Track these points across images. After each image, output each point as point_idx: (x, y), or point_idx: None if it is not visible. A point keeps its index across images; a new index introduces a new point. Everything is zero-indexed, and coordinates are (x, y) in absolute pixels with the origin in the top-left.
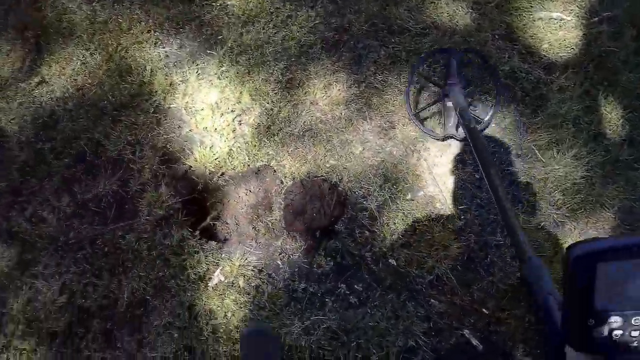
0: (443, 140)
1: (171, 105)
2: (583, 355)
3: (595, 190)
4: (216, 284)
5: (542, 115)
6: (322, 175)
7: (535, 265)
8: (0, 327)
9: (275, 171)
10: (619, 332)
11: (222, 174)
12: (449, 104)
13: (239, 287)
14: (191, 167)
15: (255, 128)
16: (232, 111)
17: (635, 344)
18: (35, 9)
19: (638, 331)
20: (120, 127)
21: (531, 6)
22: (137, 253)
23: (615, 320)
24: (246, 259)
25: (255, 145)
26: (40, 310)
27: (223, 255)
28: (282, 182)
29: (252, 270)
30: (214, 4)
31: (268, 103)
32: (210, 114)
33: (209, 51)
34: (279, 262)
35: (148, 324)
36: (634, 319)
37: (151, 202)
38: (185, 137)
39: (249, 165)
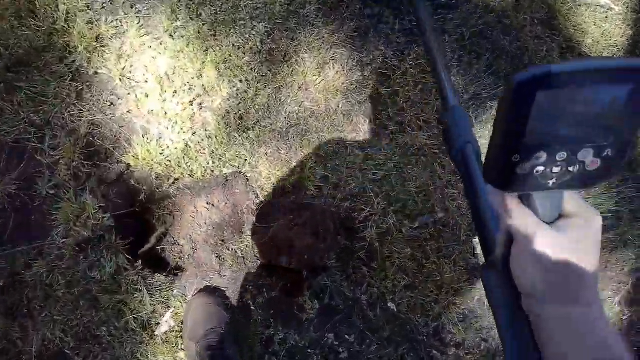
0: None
1: (99, 71)
2: (501, 194)
3: (620, 227)
4: (166, 332)
5: None
6: (309, 189)
7: (457, 113)
8: None
9: (248, 180)
10: (541, 169)
11: (175, 179)
12: None
13: None
14: (130, 166)
15: (223, 117)
16: (190, 89)
17: (553, 180)
18: None
19: (559, 168)
20: (20, 98)
21: None
22: (49, 289)
23: (541, 156)
24: None
25: (221, 142)
26: None
27: (175, 292)
28: (257, 196)
29: None
30: None
31: (241, 82)
32: (159, 90)
33: None
34: (250, 303)
35: None
36: (558, 154)
37: (70, 217)
38: (121, 121)
39: (212, 170)
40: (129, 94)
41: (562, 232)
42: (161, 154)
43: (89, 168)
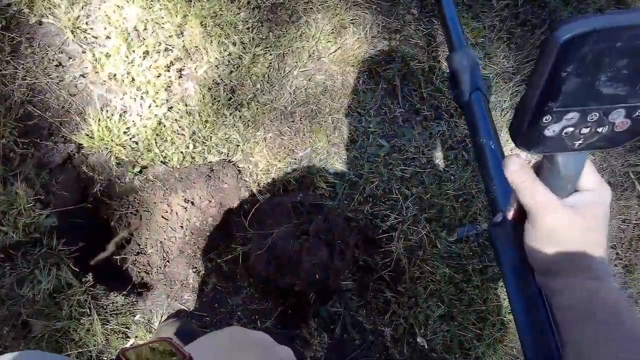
0: None
1: (44, 20)
2: (518, 166)
3: None
4: None
5: None
6: (320, 187)
7: (466, 55)
8: None
9: (240, 172)
10: (570, 130)
11: (143, 167)
12: None
13: None
14: (81, 148)
15: (209, 89)
16: (166, 49)
17: (580, 141)
18: None
19: (588, 129)
20: None
21: None
22: None
23: (573, 117)
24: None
25: (206, 121)
26: None
27: (137, 317)
28: (251, 194)
29: None
30: None
31: (234, 44)
32: (125, 49)
33: None
34: None
35: None
36: (590, 115)
37: None
38: (72, 88)
39: (192, 156)
40: (84, 52)
41: (576, 210)
42: (125, 132)
43: (24, 147)
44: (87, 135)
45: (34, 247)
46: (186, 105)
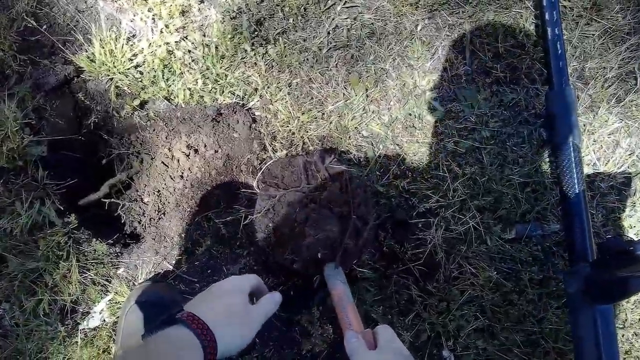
0: None
1: None
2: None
3: None
4: (96, 329)
5: None
6: (348, 150)
7: (566, 98)
8: None
9: (254, 121)
10: None
11: (144, 102)
12: None
13: None
14: (81, 71)
15: (232, 18)
16: None
17: None
18: None
19: None
20: None
21: None
22: None
23: None
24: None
25: (223, 56)
26: None
27: (121, 270)
28: (264, 148)
29: None
30: None
31: None
32: None
33: None
34: None
35: None
36: None
37: None
38: (81, 3)
39: (201, 96)
40: None
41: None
42: (130, 60)
43: (22, 64)
44: (89, 58)
45: (17, 176)
46: (204, 35)
